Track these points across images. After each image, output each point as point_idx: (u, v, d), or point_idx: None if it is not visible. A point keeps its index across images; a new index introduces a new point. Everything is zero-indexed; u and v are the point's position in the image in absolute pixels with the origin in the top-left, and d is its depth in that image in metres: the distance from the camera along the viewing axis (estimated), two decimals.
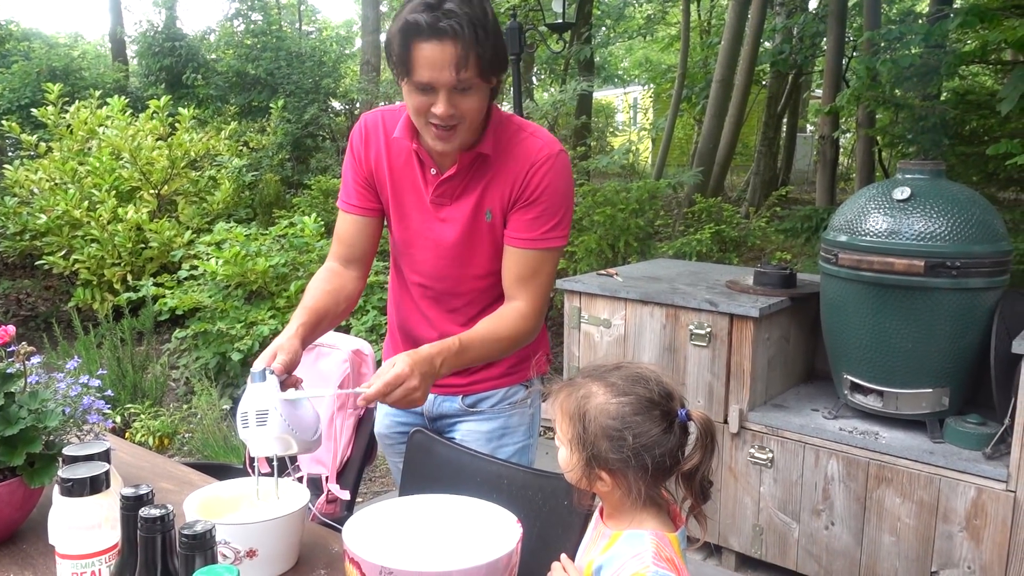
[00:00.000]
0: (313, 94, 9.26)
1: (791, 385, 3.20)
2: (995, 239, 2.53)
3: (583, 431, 1.16)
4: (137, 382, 4.34)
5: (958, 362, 2.59)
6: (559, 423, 1.22)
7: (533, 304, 1.63)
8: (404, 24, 1.40)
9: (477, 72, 1.43)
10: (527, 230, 1.60)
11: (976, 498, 2.43)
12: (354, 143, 1.72)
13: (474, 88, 1.46)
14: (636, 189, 5.85)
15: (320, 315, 1.58)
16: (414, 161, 1.64)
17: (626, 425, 1.14)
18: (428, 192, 1.64)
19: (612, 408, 1.16)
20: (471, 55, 1.40)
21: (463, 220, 1.63)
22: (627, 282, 3.23)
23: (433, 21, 1.38)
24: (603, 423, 1.15)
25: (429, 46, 1.40)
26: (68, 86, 8.95)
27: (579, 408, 1.18)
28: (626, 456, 1.14)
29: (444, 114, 1.45)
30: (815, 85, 15.58)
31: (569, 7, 5.22)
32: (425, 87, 1.44)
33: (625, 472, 1.16)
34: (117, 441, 1.93)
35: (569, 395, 1.21)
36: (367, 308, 4.81)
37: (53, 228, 6.05)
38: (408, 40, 1.41)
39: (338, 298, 1.65)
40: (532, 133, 1.63)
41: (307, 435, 1.38)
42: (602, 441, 1.15)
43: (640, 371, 1.20)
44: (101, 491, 1.07)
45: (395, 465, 1.90)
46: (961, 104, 5.48)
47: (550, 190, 1.59)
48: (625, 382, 1.18)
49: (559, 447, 1.23)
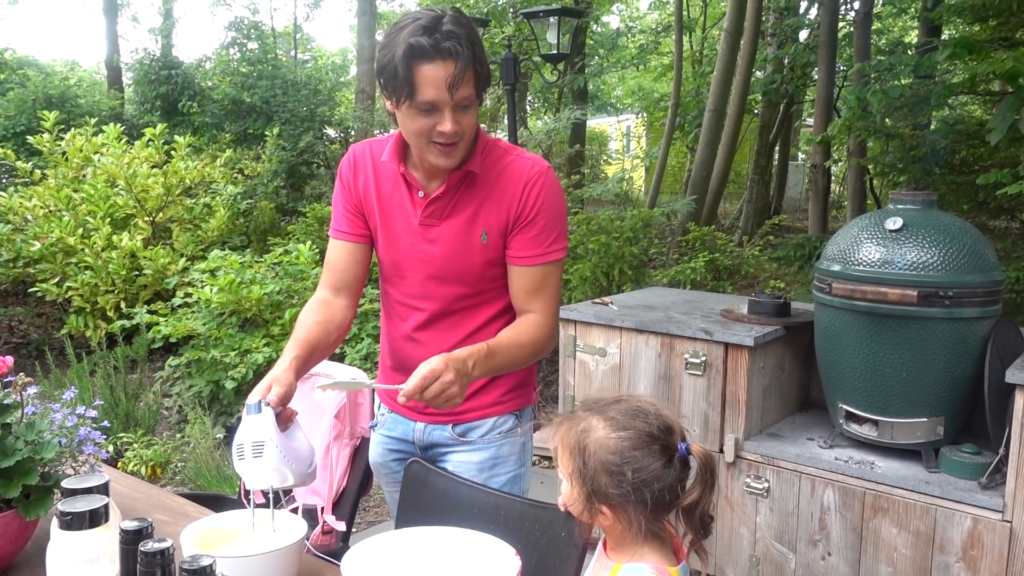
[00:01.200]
0: (308, 122, 9.29)
1: (786, 414, 3.20)
2: (987, 269, 2.55)
3: (583, 465, 1.16)
4: (130, 411, 4.32)
5: (952, 391, 2.60)
6: (560, 457, 1.22)
7: (547, 312, 1.69)
8: (407, 48, 1.45)
9: (474, 89, 1.51)
10: (531, 248, 1.65)
11: (972, 528, 2.43)
12: (343, 172, 1.77)
13: (472, 106, 1.54)
14: (630, 217, 5.88)
15: (312, 347, 1.60)
16: (402, 184, 1.69)
17: (625, 460, 1.14)
18: (417, 214, 1.67)
19: (611, 443, 1.16)
20: (470, 73, 1.48)
21: (452, 239, 1.66)
22: (622, 311, 3.24)
23: (435, 43, 1.45)
24: (603, 458, 1.15)
25: (432, 67, 1.46)
26: (64, 113, 8.99)
27: (579, 442, 1.18)
28: (626, 491, 1.14)
29: (451, 132, 1.51)
30: (806, 114, 15.74)
31: (563, 38, 5.28)
32: (429, 107, 1.49)
33: (625, 506, 1.15)
34: (112, 472, 1.92)
35: (569, 429, 1.21)
36: (361, 336, 4.81)
37: (47, 255, 6.04)
38: (411, 63, 1.46)
39: (329, 328, 1.67)
40: (519, 155, 1.69)
41: (303, 467, 1.38)
42: (602, 476, 1.15)
43: (640, 405, 1.20)
44: (100, 524, 1.06)
45: (390, 495, 1.90)
46: (951, 134, 5.55)
47: (547, 206, 1.65)
48: (624, 416, 1.18)
49: (561, 480, 1.23)
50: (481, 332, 1.70)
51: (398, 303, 1.76)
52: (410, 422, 1.82)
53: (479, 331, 1.71)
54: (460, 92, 1.48)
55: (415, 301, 1.73)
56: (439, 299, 1.71)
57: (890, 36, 13.33)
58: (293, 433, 1.43)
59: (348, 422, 2.11)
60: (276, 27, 19.96)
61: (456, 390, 1.42)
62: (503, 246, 1.67)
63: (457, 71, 1.46)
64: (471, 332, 1.71)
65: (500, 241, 1.66)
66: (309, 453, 1.42)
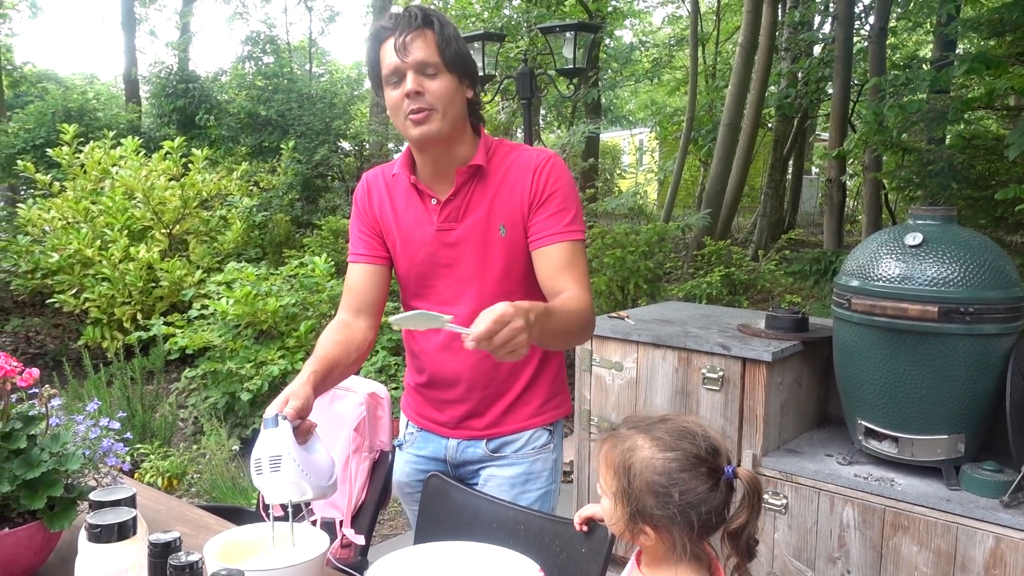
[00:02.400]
0: (323, 135, 9.35)
1: (804, 430, 3.18)
2: (1008, 285, 2.53)
3: (628, 485, 1.14)
4: (147, 422, 4.34)
5: (973, 408, 2.58)
6: (603, 474, 1.20)
7: (582, 287, 1.63)
8: (371, 33, 1.61)
9: (437, 54, 1.57)
10: (551, 225, 1.66)
11: (995, 547, 2.40)
12: (358, 199, 1.82)
13: (440, 75, 1.58)
14: (646, 231, 5.88)
15: (332, 364, 1.59)
16: (415, 196, 1.72)
17: (672, 482, 1.12)
18: (434, 221, 1.69)
19: (658, 463, 1.14)
20: (427, 36, 1.56)
21: (471, 238, 1.68)
22: (639, 325, 3.24)
23: (393, 22, 1.57)
24: (649, 478, 1.13)
25: (391, 39, 1.57)
26: (82, 126, 9.07)
27: (624, 461, 1.16)
28: (672, 513, 1.12)
29: (411, 91, 1.56)
30: (820, 128, 15.71)
31: (579, 52, 5.30)
32: (394, 78, 1.58)
33: (670, 528, 1.14)
34: (133, 484, 1.93)
35: (614, 447, 1.19)
36: (376, 349, 4.82)
37: (64, 267, 6.09)
38: (375, 45, 1.60)
39: (349, 348, 1.67)
40: (524, 149, 1.73)
41: (322, 480, 1.37)
42: (647, 497, 1.13)
43: (687, 425, 1.18)
44: (128, 537, 1.07)
45: (412, 512, 1.89)
46: (968, 148, 5.52)
47: (560, 184, 1.68)
48: (672, 436, 1.16)
49: (602, 496, 1.21)
50: None
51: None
52: (442, 439, 1.81)
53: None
54: (414, 54, 1.55)
55: (447, 308, 1.72)
56: (470, 300, 1.70)
57: (905, 50, 13.30)
58: (312, 446, 1.43)
59: (368, 435, 2.12)
60: (292, 41, 20.14)
61: (524, 338, 1.29)
62: (523, 235, 1.68)
63: (406, 35, 1.55)
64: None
65: (519, 231, 1.68)
66: (329, 466, 1.42)
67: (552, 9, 12.26)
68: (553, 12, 12.11)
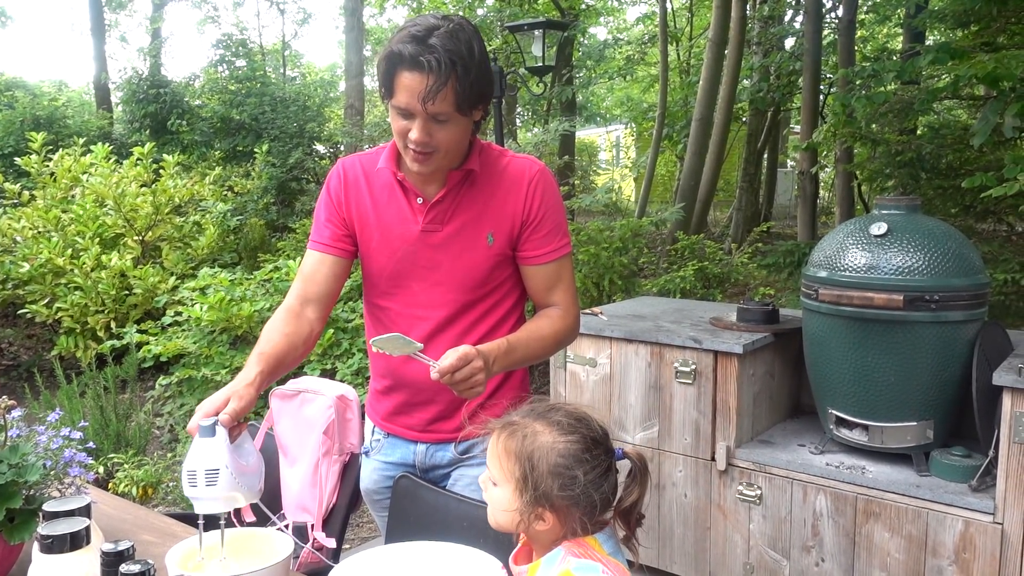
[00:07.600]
0: (298, 138, 9.30)
1: (777, 421, 3.21)
2: (972, 272, 2.56)
3: (531, 470, 1.16)
4: (120, 431, 4.29)
5: (941, 395, 2.61)
6: (501, 463, 1.21)
7: (567, 303, 1.73)
8: (389, 52, 1.49)
9: (453, 106, 1.50)
10: (543, 246, 1.69)
11: (964, 531, 2.43)
12: (331, 185, 1.74)
13: (451, 121, 1.53)
14: (620, 227, 5.90)
15: (278, 361, 1.57)
16: (398, 192, 1.68)
17: (576, 463, 1.16)
18: (418, 220, 1.66)
19: (561, 446, 1.17)
20: (447, 90, 1.47)
21: (457, 243, 1.66)
22: (612, 321, 3.24)
23: (415, 53, 1.46)
24: (553, 461, 1.16)
25: (409, 75, 1.48)
26: (52, 134, 8.97)
27: (525, 447, 1.18)
28: (576, 494, 1.15)
29: (418, 140, 1.53)
30: (794, 121, 15.80)
31: (549, 50, 5.30)
32: (403, 112, 1.52)
33: (571, 510, 1.17)
34: (99, 493, 1.91)
35: (512, 435, 1.21)
36: (352, 351, 4.80)
37: (36, 276, 6.01)
38: (392, 67, 1.50)
39: (295, 342, 1.62)
40: (513, 156, 1.72)
41: (253, 482, 1.36)
42: (550, 480, 1.15)
43: (581, 410, 1.23)
44: (81, 547, 1.06)
45: (381, 520, 1.88)
46: (936, 139, 5.57)
47: (552, 201, 1.70)
48: (569, 420, 1.20)
49: (493, 487, 1.22)
50: (491, 336, 1.67)
51: (398, 315, 1.71)
52: (410, 444, 1.79)
53: (489, 335, 1.68)
54: (432, 106, 1.48)
55: (420, 310, 1.69)
56: (446, 305, 1.68)
57: (875, 43, 13.42)
58: (241, 446, 1.39)
59: (337, 438, 2.10)
60: (264, 44, 20.01)
61: (481, 378, 1.45)
62: (509, 247, 1.68)
63: (430, 85, 1.46)
64: (481, 337, 1.67)
65: (506, 243, 1.68)
66: (258, 467, 1.40)
67: (525, 7, 12.26)
68: (526, 11, 12.11)
